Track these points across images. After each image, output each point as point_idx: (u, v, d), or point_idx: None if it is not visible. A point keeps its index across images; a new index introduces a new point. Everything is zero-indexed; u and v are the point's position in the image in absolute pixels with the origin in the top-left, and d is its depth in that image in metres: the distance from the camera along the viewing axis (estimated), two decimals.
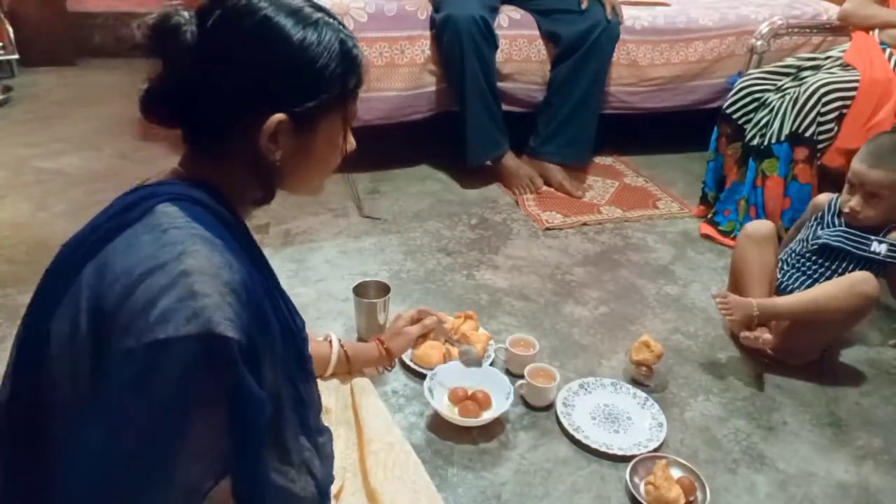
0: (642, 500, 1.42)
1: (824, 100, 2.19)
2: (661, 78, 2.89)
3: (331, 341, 1.50)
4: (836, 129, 2.22)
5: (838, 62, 2.35)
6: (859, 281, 1.72)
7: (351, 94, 0.90)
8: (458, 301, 2.03)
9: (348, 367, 1.50)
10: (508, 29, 2.65)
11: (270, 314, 0.84)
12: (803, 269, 1.89)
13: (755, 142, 2.34)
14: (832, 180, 2.33)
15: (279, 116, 0.83)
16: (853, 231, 1.82)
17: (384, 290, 1.82)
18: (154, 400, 0.71)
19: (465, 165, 2.70)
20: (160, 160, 2.74)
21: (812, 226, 1.93)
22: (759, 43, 2.68)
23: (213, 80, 0.82)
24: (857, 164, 1.79)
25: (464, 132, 2.62)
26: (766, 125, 2.32)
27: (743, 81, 2.45)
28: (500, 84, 2.66)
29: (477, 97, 2.57)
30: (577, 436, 1.58)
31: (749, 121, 2.39)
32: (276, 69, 0.83)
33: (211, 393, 0.73)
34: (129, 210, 0.80)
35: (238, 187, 0.88)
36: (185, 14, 0.82)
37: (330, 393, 1.39)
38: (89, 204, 2.40)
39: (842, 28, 2.74)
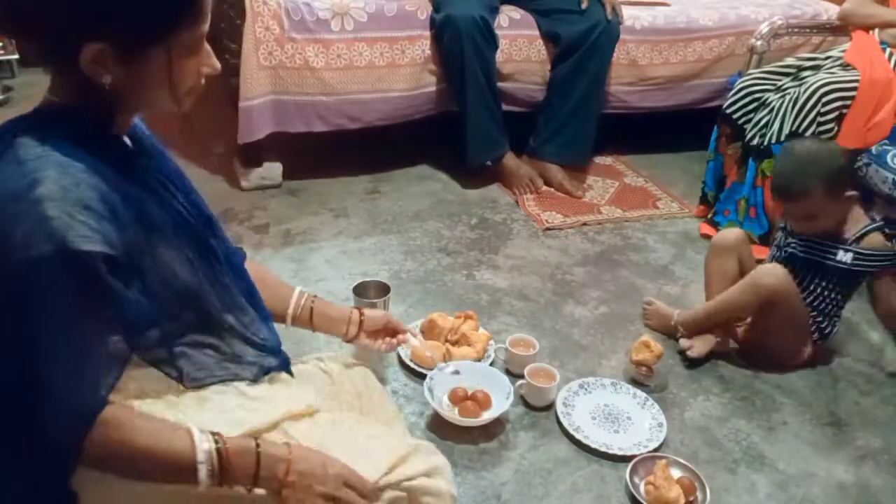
0: (642, 500, 1.42)
1: (824, 100, 2.19)
2: (660, 77, 2.89)
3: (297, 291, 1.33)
4: (836, 128, 2.21)
5: (838, 62, 2.35)
6: (760, 275, 1.76)
7: (184, 22, 0.87)
8: (458, 301, 2.03)
9: (311, 319, 1.32)
10: (508, 29, 2.65)
11: (153, 211, 0.91)
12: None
13: (755, 142, 2.34)
14: None
15: (96, 46, 0.83)
16: (818, 241, 1.77)
17: (384, 290, 1.82)
18: (34, 312, 0.80)
19: (465, 165, 2.70)
20: None
21: (782, 230, 1.88)
22: (758, 43, 2.68)
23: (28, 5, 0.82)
24: (773, 197, 1.83)
25: (464, 132, 2.62)
26: (766, 125, 2.32)
27: (743, 81, 2.45)
28: (500, 84, 2.66)
29: (477, 97, 2.57)
30: (577, 436, 1.58)
31: (749, 121, 2.39)
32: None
33: (82, 301, 0.81)
34: None
35: (97, 105, 0.89)
36: None
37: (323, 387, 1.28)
38: None
39: (842, 28, 2.73)
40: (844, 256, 1.74)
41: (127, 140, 0.96)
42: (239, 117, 2.44)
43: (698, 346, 1.84)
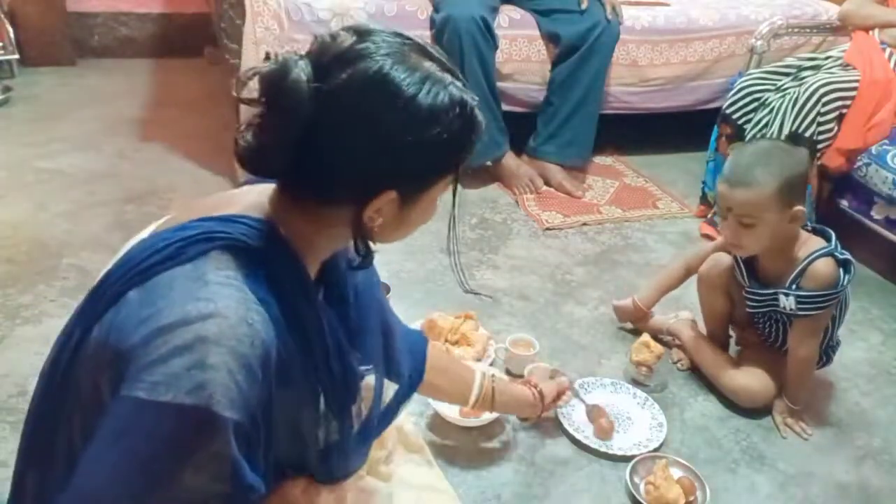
0: (642, 500, 1.42)
1: (824, 100, 2.19)
2: (661, 78, 2.89)
3: (479, 373, 1.40)
4: (836, 129, 2.21)
5: (838, 62, 2.35)
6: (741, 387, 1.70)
7: (465, 160, 0.87)
8: (458, 301, 2.03)
9: (492, 403, 1.39)
10: (508, 29, 2.65)
11: (298, 374, 0.85)
12: (756, 322, 1.79)
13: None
14: (832, 180, 2.34)
15: (390, 195, 0.81)
16: (761, 292, 1.64)
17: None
18: (131, 454, 0.72)
19: (464, 165, 2.69)
20: (160, 160, 2.74)
21: (736, 272, 1.73)
22: (758, 43, 2.67)
23: (325, 151, 0.79)
24: (719, 185, 1.57)
25: None
26: (766, 125, 2.32)
27: (743, 81, 2.45)
28: (500, 84, 2.66)
29: (477, 97, 2.56)
30: (577, 436, 1.58)
31: (749, 121, 2.39)
32: (397, 152, 0.79)
33: (191, 468, 0.73)
34: (191, 244, 0.79)
35: (320, 243, 0.87)
36: (304, 66, 0.76)
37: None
38: (89, 204, 2.40)
39: (842, 28, 2.73)
40: (787, 301, 1.58)
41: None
42: (240, 118, 2.44)
43: (686, 360, 1.85)
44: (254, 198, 0.86)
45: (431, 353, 1.26)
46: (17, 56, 3.41)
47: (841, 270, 1.57)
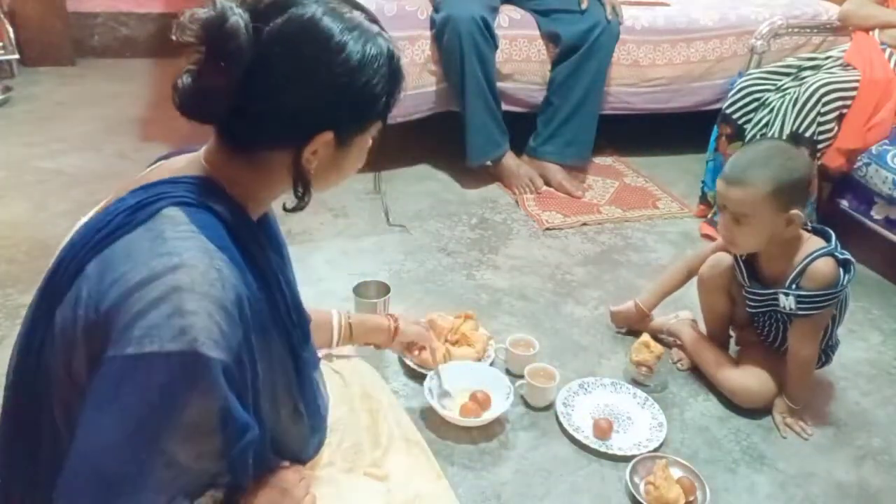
0: (642, 500, 1.42)
1: (824, 99, 2.19)
2: (662, 78, 2.89)
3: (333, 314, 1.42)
4: (836, 128, 2.21)
5: (838, 62, 2.34)
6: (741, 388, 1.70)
7: (391, 107, 0.91)
8: (458, 301, 2.03)
9: (351, 336, 1.43)
10: (508, 29, 2.65)
11: (266, 315, 0.86)
12: (755, 322, 1.78)
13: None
14: (832, 180, 2.33)
15: (327, 135, 0.84)
16: (761, 292, 1.64)
17: (384, 290, 1.82)
18: (128, 410, 0.72)
19: (465, 165, 2.69)
20: None
21: (736, 272, 1.73)
22: (759, 43, 2.68)
23: (265, 94, 0.81)
24: (717, 181, 1.59)
25: (464, 132, 2.62)
26: (766, 125, 2.32)
27: (743, 81, 2.45)
28: (500, 84, 2.66)
29: (477, 97, 2.57)
30: (577, 436, 1.58)
31: (749, 121, 2.39)
32: (333, 93, 0.83)
33: (188, 412, 0.74)
34: (138, 210, 0.80)
35: (261, 189, 0.89)
36: (241, 13, 0.78)
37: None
38: (89, 204, 2.36)
39: (842, 28, 2.73)
40: (787, 301, 1.58)
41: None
42: None
43: (687, 360, 1.85)
44: (184, 162, 0.88)
45: None
46: (17, 56, 3.42)
47: (841, 270, 1.56)
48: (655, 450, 1.56)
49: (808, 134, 2.19)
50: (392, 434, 1.24)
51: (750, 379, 1.71)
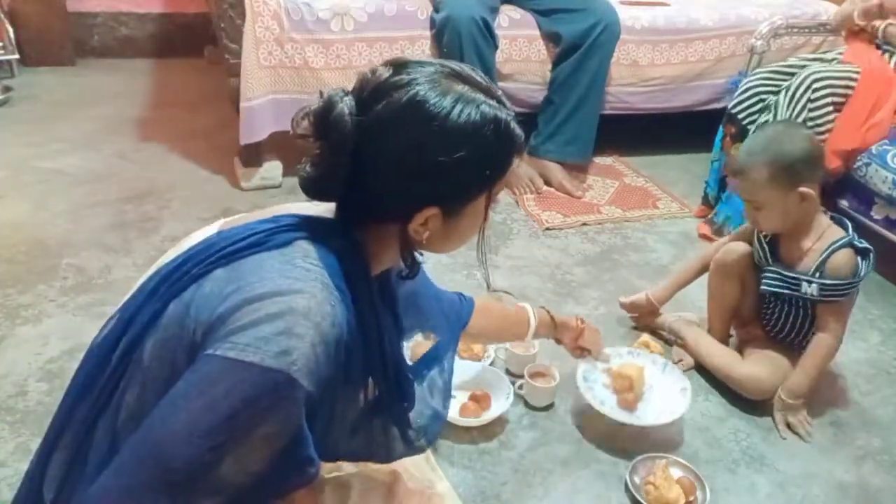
0: (642, 500, 1.42)
1: (815, 86, 2.19)
2: (662, 78, 2.89)
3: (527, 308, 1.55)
4: (829, 119, 2.21)
5: (838, 61, 2.34)
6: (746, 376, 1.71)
7: (507, 172, 0.93)
8: None
9: (554, 330, 1.59)
10: (508, 29, 2.65)
11: (358, 367, 0.91)
12: (765, 310, 1.79)
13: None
14: (828, 180, 2.33)
15: (432, 211, 0.88)
16: (784, 274, 1.65)
17: None
18: (211, 408, 0.76)
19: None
20: (160, 160, 2.75)
21: (756, 253, 1.75)
22: (758, 43, 2.67)
23: (367, 175, 0.86)
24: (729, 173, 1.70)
25: None
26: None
27: (749, 81, 2.43)
28: (500, 84, 2.66)
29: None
30: (603, 410, 1.57)
31: (753, 122, 2.39)
32: (430, 171, 0.86)
33: (263, 428, 0.77)
34: (274, 234, 0.87)
35: (379, 252, 0.95)
36: (348, 101, 0.85)
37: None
38: (89, 204, 2.40)
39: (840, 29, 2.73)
40: (810, 289, 1.61)
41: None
42: (240, 118, 2.44)
43: (688, 359, 1.85)
44: (328, 207, 0.95)
45: (479, 304, 1.42)
46: (17, 56, 3.42)
47: (859, 258, 1.61)
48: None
49: (800, 119, 2.19)
50: None
51: (759, 369, 1.71)
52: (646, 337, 1.78)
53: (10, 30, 3.37)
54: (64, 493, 0.87)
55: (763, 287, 1.70)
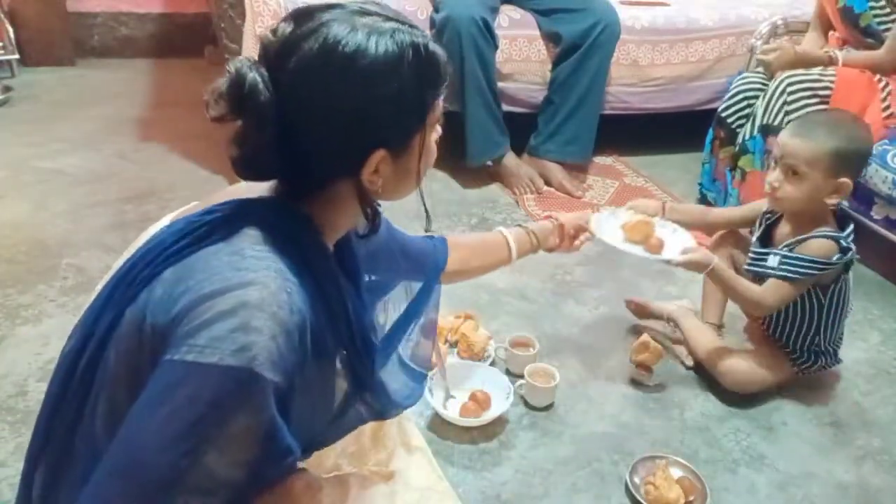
0: (642, 500, 1.42)
1: (790, 90, 2.20)
2: (661, 78, 2.89)
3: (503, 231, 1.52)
4: None
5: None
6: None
7: (438, 97, 0.89)
8: (458, 301, 2.02)
9: (536, 242, 1.54)
10: (508, 29, 2.65)
11: (328, 341, 0.88)
12: None
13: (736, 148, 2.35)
14: None
15: (379, 154, 0.84)
16: (758, 250, 1.69)
17: None
18: (177, 416, 0.73)
19: (465, 165, 2.69)
20: (160, 160, 2.74)
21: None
22: (758, 43, 2.67)
23: (302, 136, 0.82)
24: (781, 134, 1.66)
25: (464, 132, 2.62)
26: None
27: (737, 85, 2.44)
28: (500, 84, 2.66)
29: (477, 97, 2.57)
30: (621, 247, 1.64)
31: (742, 125, 2.38)
32: (363, 112, 0.82)
33: (234, 426, 0.75)
34: (218, 225, 0.83)
35: (335, 217, 0.91)
36: (258, 68, 0.80)
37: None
38: (89, 204, 2.40)
39: None
40: (773, 261, 1.63)
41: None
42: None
43: (690, 361, 1.85)
44: (271, 185, 0.90)
45: (452, 240, 1.40)
46: (17, 56, 3.42)
47: (839, 255, 1.60)
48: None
49: (775, 123, 2.20)
50: (395, 438, 1.25)
51: (739, 363, 1.73)
52: (646, 337, 1.78)
53: (10, 30, 3.37)
54: (50, 498, 0.86)
55: (745, 267, 1.74)
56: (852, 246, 1.61)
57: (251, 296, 0.75)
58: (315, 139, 0.82)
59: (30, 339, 1.77)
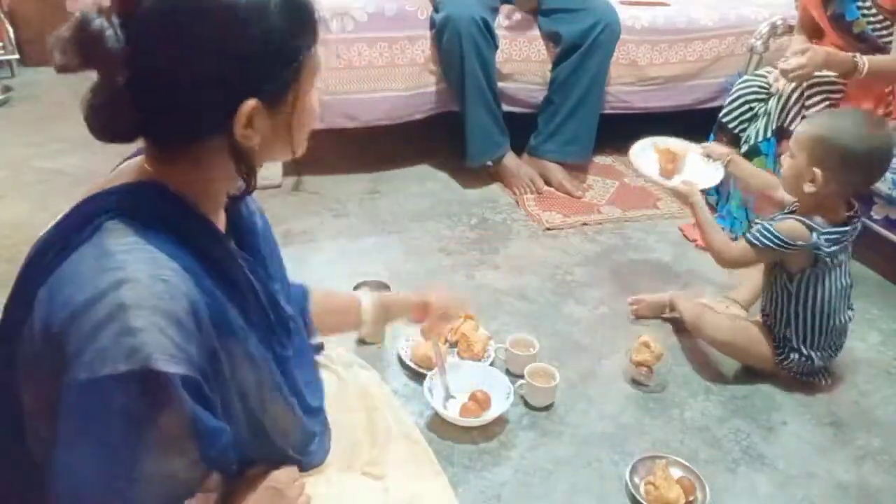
0: (642, 500, 1.42)
1: (808, 93, 2.20)
2: (660, 77, 2.89)
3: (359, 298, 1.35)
4: None
5: None
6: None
7: (311, 47, 0.82)
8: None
9: (386, 315, 1.34)
10: (508, 29, 2.65)
11: (233, 318, 0.82)
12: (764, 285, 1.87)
13: (745, 148, 2.35)
14: None
15: (250, 103, 0.76)
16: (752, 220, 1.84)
17: (384, 290, 1.82)
18: (98, 442, 0.71)
19: (465, 165, 2.69)
20: None
21: None
22: (758, 43, 2.67)
23: (162, 87, 0.74)
24: (801, 129, 1.71)
25: (464, 132, 2.62)
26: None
27: (737, 90, 2.43)
28: (500, 84, 2.66)
29: (477, 97, 2.57)
30: (654, 178, 1.91)
31: (744, 130, 2.38)
32: (227, 57, 0.74)
33: (158, 432, 0.72)
34: (77, 229, 0.77)
35: (209, 182, 0.84)
36: (103, 13, 0.74)
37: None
38: None
39: None
40: (753, 228, 1.72)
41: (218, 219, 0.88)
42: None
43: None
44: (132, 167, 0.85)
45: (314, 298, 1.22)
46: (17, 56, 3.41)
47: (813, 238, 1.62)
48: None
49: (792, 127, 2.20)
50: (390, 431, 1.24)
51: (719, 320, 1.83)
52: (646, 337, 1.78)
53: (10, 30, 3.37)
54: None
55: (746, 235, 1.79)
56: (824, 244, 1.63)
57: (125, 296, 0.70)
58: (176, 88, 0.74)
59: None
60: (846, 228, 1.66)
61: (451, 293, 1.43)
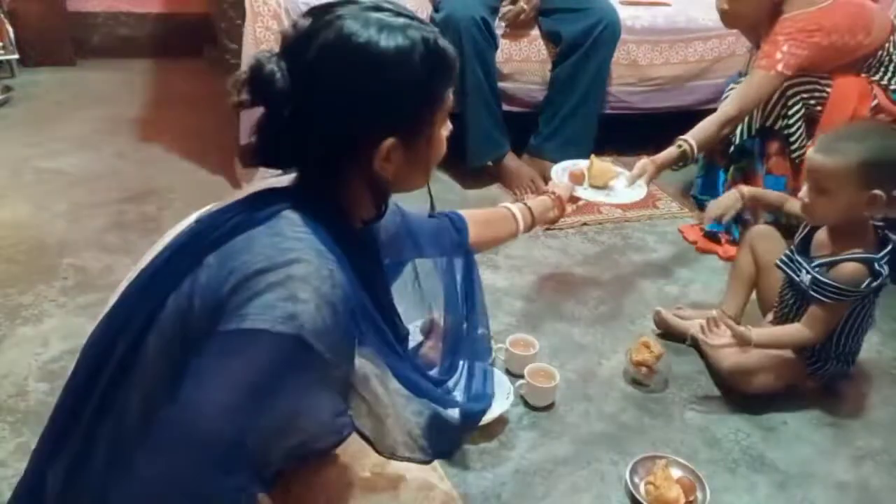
0: (642, 500, 1.42)
1: (788, 93, 2.20)
2: (661, 78, 2.89)
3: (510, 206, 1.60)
4: (802, 126, 2.22)
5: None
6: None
7: (447, 91, 0.94)
8: None
9: (533, 220, 1.64)
10: (508, 29, 2.65)
11: (366, 328, 0.90)
12: (780, 297, 1.80)
13: (732, 148, 2.35)
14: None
15: (390, 141, 0.88)
16: (794, 256, 1.69)
17: None
18: (233, 384, 0.77)
19: (465, 165, 2.69)
20: (160, 160, 2.74)
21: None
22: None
23: (315, 124, 0.86)
24: (808, 152, 1.64)
25: (464, 132, 2.62)
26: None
27: (729, 89, 2.42)
28: (500, 84, 2.66)
29: (477, 97, 2.57)
30: (579, 192, 1.86)
31: (738, 135, 2.38)
32: (379, 98, 0.87)
33: (287, 393, 0.79)
34: (257, 210, 0.87)
35: (352, 203, 0.95)
36: (276, 59, 0.86)
37: None
38: (89, 204, 2.39)
39: None
40: (804, 277, 1.62)
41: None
42: (240, 118, 2.43)
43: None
44: (289, 180, 0.96)
45: (469, 217, 1.44)
46: (17, 56, 3.41)
47: (869, 279, 1.58)
48: None
49: (776, 127, 2.20)
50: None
51: (760, 379, 1.70)
52: (646, 337, 1.78)
53: (10, 30, 3.37)
54: (70, 492, 0.87)
55: (776, 261, 1.73)
56: (884, 269, 1.58)
57: (297, 270, 0.79)
58: (329, 125, 0.86)
59: (30, 339, 1.77)
60: (891, 246, 1.62)
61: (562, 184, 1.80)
